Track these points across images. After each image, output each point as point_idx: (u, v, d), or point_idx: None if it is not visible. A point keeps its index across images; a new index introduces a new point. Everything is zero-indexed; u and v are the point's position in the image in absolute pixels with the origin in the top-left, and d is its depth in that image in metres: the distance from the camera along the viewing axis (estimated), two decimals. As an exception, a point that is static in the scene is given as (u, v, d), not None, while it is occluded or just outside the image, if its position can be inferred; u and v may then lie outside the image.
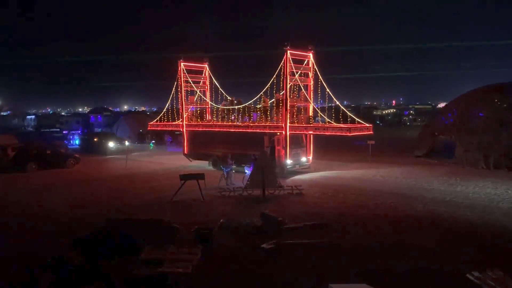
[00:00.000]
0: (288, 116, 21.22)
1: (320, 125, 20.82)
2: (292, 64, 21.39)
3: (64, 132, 42.41)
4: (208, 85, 27.28)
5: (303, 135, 22.60)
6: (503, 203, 15.21)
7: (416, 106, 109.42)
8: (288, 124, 21.24)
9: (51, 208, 15.45)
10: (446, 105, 31.59)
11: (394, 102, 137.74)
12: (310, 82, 22.55)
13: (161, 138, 35.15)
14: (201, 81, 27.24)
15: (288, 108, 21.22)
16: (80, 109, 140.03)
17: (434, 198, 16.15)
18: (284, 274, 8.85)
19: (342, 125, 19.97)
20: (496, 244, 10.67)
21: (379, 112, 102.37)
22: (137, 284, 7.74)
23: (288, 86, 21.20)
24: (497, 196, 16.29)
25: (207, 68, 27.15)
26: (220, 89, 25.93)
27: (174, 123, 27.56)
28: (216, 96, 26.34)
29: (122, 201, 16.37)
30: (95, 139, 31.48)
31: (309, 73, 22.57)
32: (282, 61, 21.35)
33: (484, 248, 10.33)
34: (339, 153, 30.20)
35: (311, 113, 22.56)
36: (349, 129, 19.60)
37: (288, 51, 21.21)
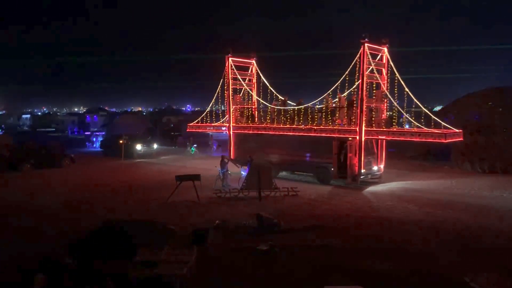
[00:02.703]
0: (363, 118, 18.46)
1: (406, 130, 18.03)
2: (370, 59, 18.66)
3: (86, 133, 39.07)
4: (255, 83, 24.41)
5: (373, 140, 19.85)
6: (498, 206, 15.11)
7: (412, 109, 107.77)
8: (363, 128, 18.47)
9: (46, 208, 15.13)
10: (442, 108, 31.07)
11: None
12: (385, 80, 19.81)
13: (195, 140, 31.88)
14: (247, 78, 24.34)
15: (364, 109, 18.47)
16: (76, 109, 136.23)
17: (430, 200, 16.10)
18: (279, 275, 8.86)
19: (435, 131, 17.24)
20: (492, 247, 10.63)
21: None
22: (132, 286, 7.65)
23: (364, 84, 18.47)
24: (492, 199, 16.25)
25: (255, 64, 24.26)
26: (269, 87, 23.06)
27: (217, 124, 24.59)
28: (264, 95, 23.49)
29: (117, 202, 16.12)
30: (120, 142, 28.36)
31: (383, 69, 19.86)
32: (358, 56, 18.59)
33: (480, 251, 10.32)
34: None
35: (385, 115, 19.88)
36: (445, 135, 16.88)
37: (366, 45, 18.49)
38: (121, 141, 28.27)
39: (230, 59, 23.16)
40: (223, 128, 24.88)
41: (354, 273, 8.93)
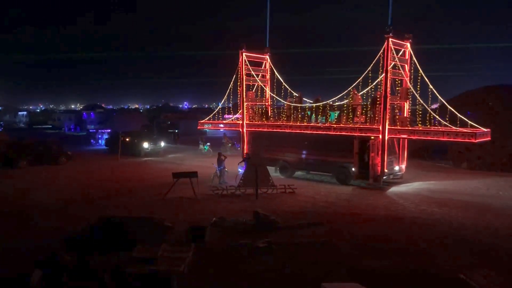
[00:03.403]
0: (387, 116, 17.71)
1: (432, 129, 17.25)
2: (394, 54, 17.90)
3: (91, 130, 37.99)
4: (269, 79, 23.59)
5: (395, 140, 19.09)
6: (495, 204, 15.12)
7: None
8: (387, 127, 17.72)
9: (43, 205, 15.02)
10: (439, 106, 30.46)
11: None
12: (407, 77, 19.04)
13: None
14: (260, 74, 23.50)
15: (388, 106, 17.73)
16: (73, 106, 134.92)
17: (427, 198, 16.11)
18: (276, 272, 8.80)
19: (464, 130, 16.49)
20: (487, 245, 10.63)
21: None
22: (129, 282, 7.60)
23: (388, 81, 17.73)
24: (489, 198, 16.24)
25: (268, 60, 23.43)
26: (283, 83, 22.25)
27: (230, 122, 23.76)
28: (278, 91, 22.66)
29: (114, 199, 16.09)
30: (127, 139, 27.44)
31: (406, 65, 19.09)
32: (382, 50, 17.83)
33: (476, 249, 10.32)
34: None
35: (407, 113, 19.18)
36: (474, 135, 16.15)
37: (390, 39, 17.73)
38: (127, 139, 27.34)
39: (244, 54, 22.29)
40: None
41: (351, 270, 8.94)
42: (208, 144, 29.66)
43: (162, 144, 30.31)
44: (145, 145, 28.46)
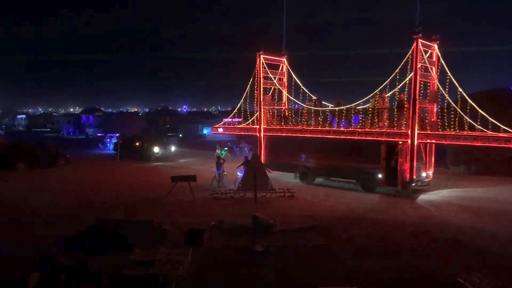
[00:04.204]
0: (416, 120, 16.97)
1: (465, 133, 16.48)
2: (423, 56, 17.18)
3: (99, 134, 37.12)
4: (286, 82, 22.84)
5: (422, 145, 18.31)
6: (492, 207, 15.14)
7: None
8: (416, 131, 16.97)
9: (41, 207, 14.88)
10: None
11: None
12: (435, 79, 18.31)
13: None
14: (277, 77, 22.73)
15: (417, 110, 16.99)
16: (72, 109, 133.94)
17: (424, 201, 16.24)
18: (274, 276, 8.76)
19: (500, 135, 15.72)
20: (485, 248, 10.61)
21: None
22: (127, 285, 7.56)
23: (417, 83, 17.00)
24: (487, 201, 16.28)
25: (285, 62, 22.69)
26: (302, 86, 21.51)
27: (246, 126, 22.94)
28: (296, 95, 21.92)
29: (112, 201, 16.06)
30: (136, 143, 26.51)
31: (433, 67, 18.36)
32: (410, 52, 17.12)
33: (473, 252, 10.32)
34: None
35: (434, 117, 18.44)
36: (510, 140, 15.39)
37: (419, 41, 17.02)
38: (136, 143, 26.44)
39: (261, 56, 21.52)
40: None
41: (349, 273, 8.92)
42: (226, 149, 28.54)
43: (173, 148, 29.42)
44: (155, 149, 27.56)
